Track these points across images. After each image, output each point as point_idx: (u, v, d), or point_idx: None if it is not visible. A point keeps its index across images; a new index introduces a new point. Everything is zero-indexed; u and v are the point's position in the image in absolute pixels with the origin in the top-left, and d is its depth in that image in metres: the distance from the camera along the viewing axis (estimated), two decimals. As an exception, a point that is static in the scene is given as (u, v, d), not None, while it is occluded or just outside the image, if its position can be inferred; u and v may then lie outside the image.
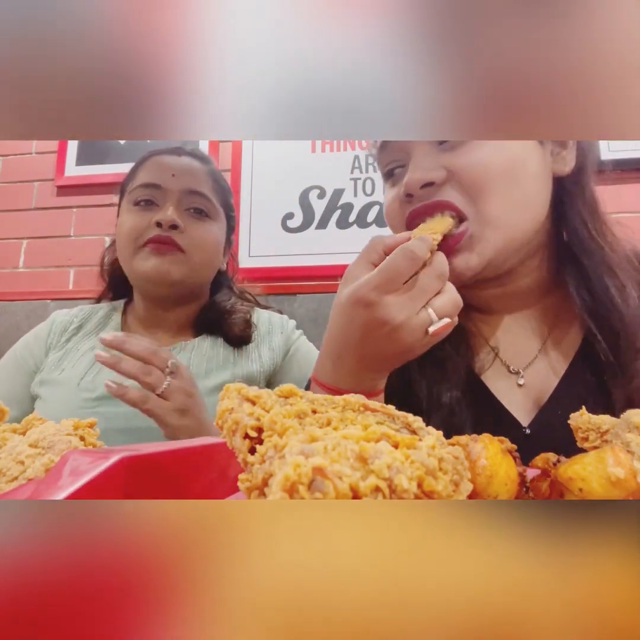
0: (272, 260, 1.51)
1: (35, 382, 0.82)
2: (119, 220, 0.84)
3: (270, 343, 0.88)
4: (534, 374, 0.54)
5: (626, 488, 0.21)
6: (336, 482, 0.16)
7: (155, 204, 0.80)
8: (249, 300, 0.95)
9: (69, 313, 0.90)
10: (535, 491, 0.26)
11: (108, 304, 0.92)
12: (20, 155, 1.70)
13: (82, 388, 0.76)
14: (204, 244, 0.81)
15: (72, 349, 0.84)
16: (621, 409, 0.35)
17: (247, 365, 0.84)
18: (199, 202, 0.81)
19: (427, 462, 0.18)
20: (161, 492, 0.26)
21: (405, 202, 0.52)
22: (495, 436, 0.25)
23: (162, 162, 0.82)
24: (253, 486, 0.19)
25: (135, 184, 0.82)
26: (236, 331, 0.84)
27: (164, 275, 0.77)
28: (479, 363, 0.57)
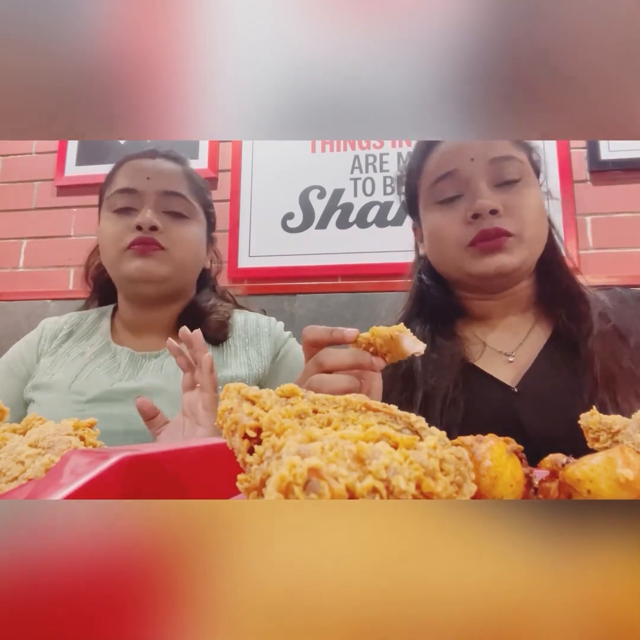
0: (272, 260, 1.51)
1: (27, 387, 0.82)
2: (99, 226, 0.85)
3: (259, 346, 0.88)
4: (520, 353, 0.71)
5: (635, 489, 0.21)
6: (332, 483, 0.16)
7: (133, 209, 0.81)
8: (228, 301, 0.96)
9: (58, 321, 0.91)
10: (544, 492, 0.26)
11: (96, 310, 0.93)
12: (20, 155, 1.70)
13: (73, 391, 0.77)
14: (185, 242, 0.82)
15: (63, 354, 0.84)
16: (583, 369, 0.62)
17: (236, 368, 0.84)
18: (176, 202, 0.82)
19: (427, 463, 0.18)
20: (161, 492, 0.26)
21: (468, 223, 0.67)
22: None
23: (137, 166, 0.84)
24: (251, 486, 0.19)
25: (112, 190, 0.83)
26: (212, 330, 0.84)
27: (149, 274, 0.79)
28: (472, 353, 0.73)
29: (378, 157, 1.54)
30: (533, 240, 0.68)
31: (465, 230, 0.67)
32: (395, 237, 1.47)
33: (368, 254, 1.47)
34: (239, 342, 0.88)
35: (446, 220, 0.70)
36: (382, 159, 1.54)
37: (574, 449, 0.29)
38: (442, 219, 0.70)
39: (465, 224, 0.68)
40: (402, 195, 0.82)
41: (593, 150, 1.41)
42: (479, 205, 0.65)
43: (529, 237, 0.67)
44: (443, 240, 0.70)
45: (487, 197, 0.66)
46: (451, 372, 0.68)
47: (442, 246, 0.71)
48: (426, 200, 0.73)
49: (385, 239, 1.48)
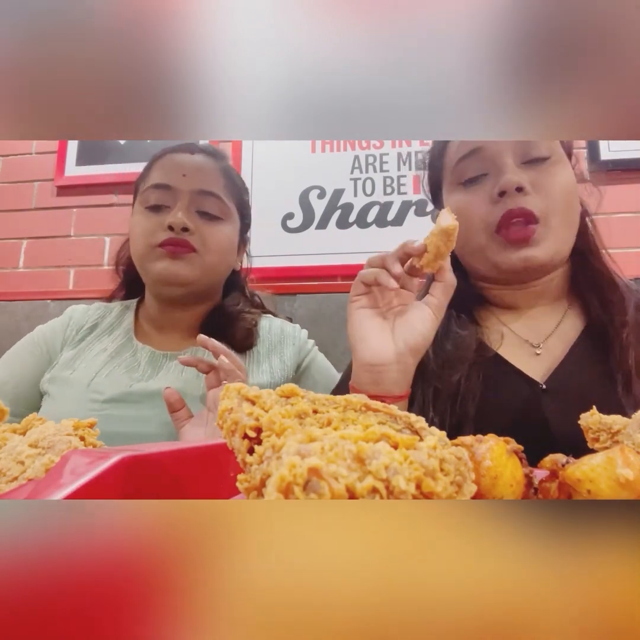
0: (272, 260, 1.51)
1: (46, 378, 0.81)
2: (131, 220, 0.83)
3: (282, 355, 0.86)
4: (549, 345, 0.66)
5: (635, 490, 0.21)
6: (332, 483, 0.16)
7: (165, 206, 0.79)
8: (257, 306, 0.94)
9: (86, 312, 0.89)
10: (544, 493, 0.25)
11: (120, 303, 0.91)
12: (20, 155, 1.70)
13: (92, 389, 0.76)
14: (216, 245, 0.80)
15: (85, 348, 0.83)
16: (622, 373, 0.58)
17: (257, 376, 0.83)
18: (210, 202, 0.80)
19: (427, 463, 0.18)
20: (161, 493, 0.26)
21: (494, 202, 0.63)
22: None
23: (173, 161, 0.82)
24: (251, 487, 0.19)
25: (147, 184, 0.81)
26: (238, 339, 0.83)
27: (176, 277, 0.77)
28: (493, 341, 0.68)
29: (378, 157, 1.54)
30: (562, 226, 0.63)
31: (491, 210, 0.63)
32: (395, 237, 1.47)
33: (368, 254, 1.46)
34: (262, 348, 0.86)
35: (470, 202, 0.65)
36: (382, 159, 1.54)
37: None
38: (466, 200, 0.65)
39: (491, 203, 0.63)
40: (423, 183, 0.77)
41: (593, 150, 1.41)
42: (505, 181, 0.60)
43: (558, 223, 0.62)
44: (467, 223, 0.64)
45: (514, 173, 0.61)
46: (464, 365, 0.64)
47: (466, 230, 0.63)
48: (449, 183, 0.69)
49: (385, 239, 1.48)
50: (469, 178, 0.66)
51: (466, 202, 0.66)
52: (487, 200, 0.64)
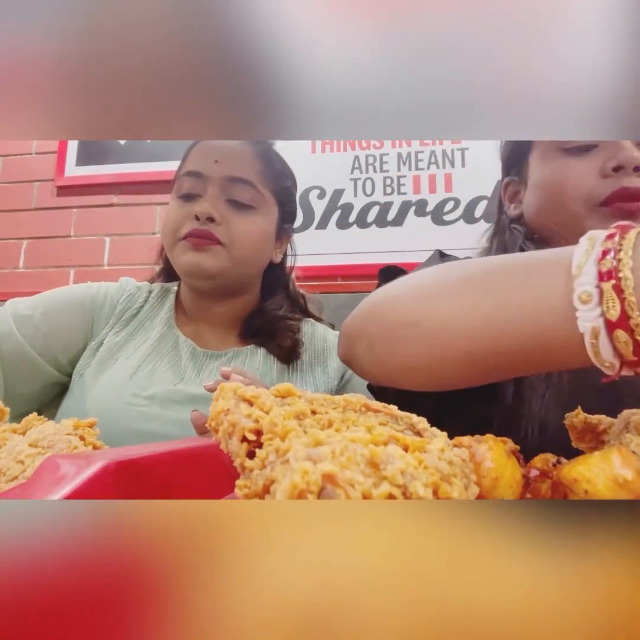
0: (272, 261, 1.51)
1: (85, 355, 0.74)
2: (167, 208, 0.79)
3: (325, 365, 0.80)
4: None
5: (633, 490, 0.20)
6: (348, 490, 0.15)
7: (197, 195, 0.74)
8: (300, 308, 0.88)
9: (137, 290, 0.82)
10: (533, 492, 0.25)
11: (160, 285, 0.85)
12: (20, 155, 1.70)
13: (134, 383, 0.70)
14: (246, 237, 0.74)
15: (129, 337, 0.76)
16: None
17: (300, 388, 0.78)
18: (241, 190, 0.74)
19: (442, 467, 0.17)
20: (148, 496, 0.25)
21: (604, 175, 0.57)
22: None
23: (208, 146, 0.77)
24: (252, 493, 0.18)
25: (181, 172, 0.77)
26: (284, 350, 0.78)
27: (199, 269, 0.72)
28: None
29: (378, 158, 1.54)
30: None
31: (601, 183, 0.58)
32: (395, 237, 1.47)
33: (368, 254, 1.47)
34: (305, 356, 0.80)
35: (576, 170, 0.59)
36: (382, 159, 1.54)
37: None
38: (570, 168, 0.59)
39: (601, 176, 0.58)
40: (500, 149, 0.71)
41: None
42: (626, 157, 0.56)
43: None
44: (567, 193, 0.59)
45: (633, 150, 0.56)
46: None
47: (562, 199, 0.59)
48: (546, 147, 0.63)
49: (385, 239, 1.47)
50: (575, 146, 0.60)
51: (569, 170, 0.60)
52: (595, 172, 0.58)
